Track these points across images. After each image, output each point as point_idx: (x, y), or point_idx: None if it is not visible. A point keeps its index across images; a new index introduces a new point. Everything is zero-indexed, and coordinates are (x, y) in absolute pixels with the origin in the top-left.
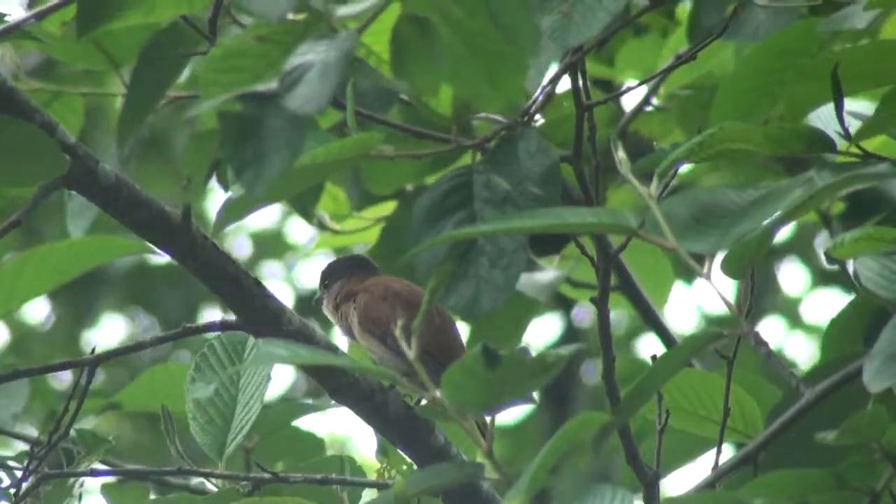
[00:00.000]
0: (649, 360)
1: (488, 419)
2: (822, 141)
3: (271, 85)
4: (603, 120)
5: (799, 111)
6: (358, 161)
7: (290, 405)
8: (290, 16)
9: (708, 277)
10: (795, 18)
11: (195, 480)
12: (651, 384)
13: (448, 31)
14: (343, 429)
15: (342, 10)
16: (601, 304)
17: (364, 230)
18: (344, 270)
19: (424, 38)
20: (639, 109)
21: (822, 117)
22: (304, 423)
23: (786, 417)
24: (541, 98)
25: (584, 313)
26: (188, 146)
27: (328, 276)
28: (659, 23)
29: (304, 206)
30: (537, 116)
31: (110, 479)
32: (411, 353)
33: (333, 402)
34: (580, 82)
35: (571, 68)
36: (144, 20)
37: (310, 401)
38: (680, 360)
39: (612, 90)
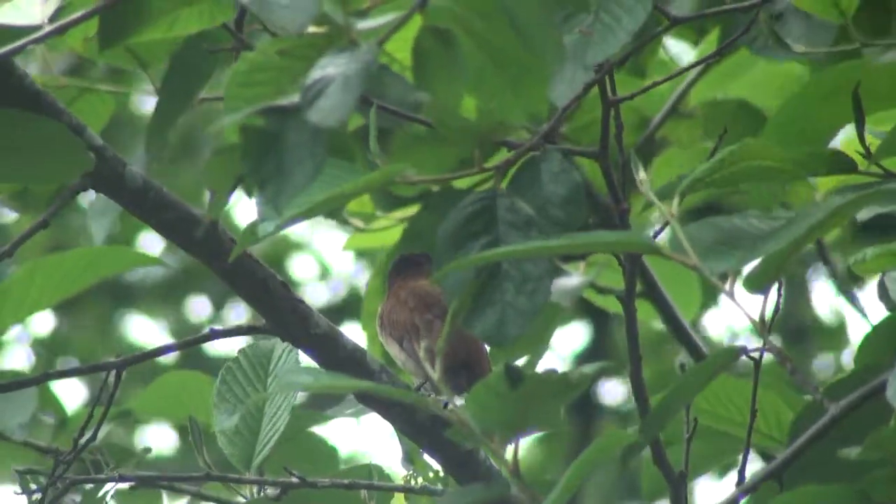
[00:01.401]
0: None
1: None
2: (842, 162)
3: (293, 99)
4: (630, 126)
5: (820, 131)
6: (384, 188)
7: (306, 414)
8: (312, 29)
9: (731, 294)
10: (829, 36)
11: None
12: (678, 399)
13: (470, 42)
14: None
15: (363, 23)
16: (627, 303)
17: (388, 229)
18: (393, 272)
19: (446, 49)
20: (666, 116)
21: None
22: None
23: (811, 433)
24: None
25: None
26: (212, 160)
27: (387, 280)
28: (689, 37)
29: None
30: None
31: (122, 485)
32: (435, 374)
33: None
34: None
35: (597, 83)
36: (166, 34)
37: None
38: (706, 375)
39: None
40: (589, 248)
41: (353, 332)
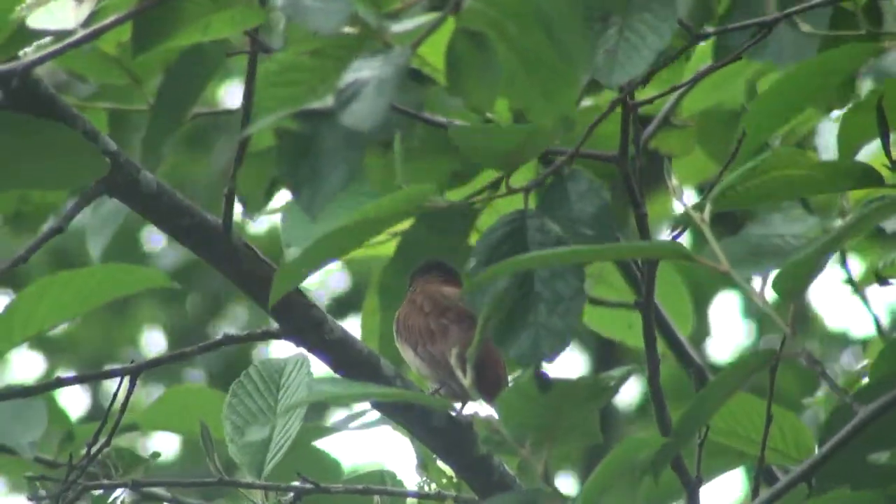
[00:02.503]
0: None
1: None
2: (870, 176)
3: (327, 101)
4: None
5: (851, 145)
6: (411, 214)
7: (310, 427)
8: (346, 29)
9: (762, 299)
10: (820, 42)
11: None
12: (705, 408)
13: (502, 45)
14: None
15: (397, 27)
16: (645, 307)
17: (384, 243)
18: (416, 275)
19: (480, 53)
20: (659, 126)
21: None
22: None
23: (840, 436)
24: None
25: None
26: (246, 163)
27: (409, 281)
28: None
29: None
30: None
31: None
32: (467, 381)
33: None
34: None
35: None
36: (200, 39)
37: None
38: (735, 382)
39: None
40: (620, 254)
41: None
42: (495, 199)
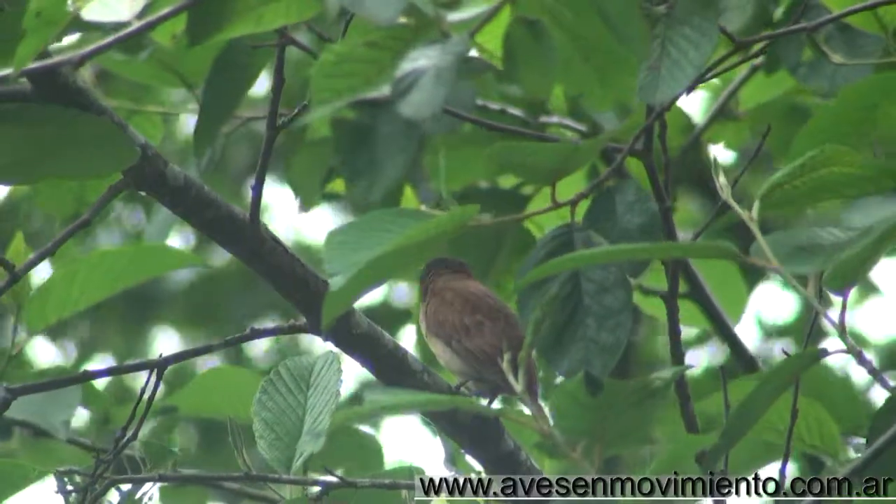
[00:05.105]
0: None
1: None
2: None
3: (384, 91)
4: (677, 128)
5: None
6: (456, 234)
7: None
8: (402, 20)
9: (814, 298)
10: (869, 70)
11: None
12: (756, 407)
13: (558, 32)
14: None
15: (454, 16)
16: (670, 303)
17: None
18: (434, 270)
19: (536, 41)
20: (713, 118)
21: None
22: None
23: (891, 433)
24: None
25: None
26: (299, 154)
27: (424, 273)
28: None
29: None
30: None
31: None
32: (519, 387)
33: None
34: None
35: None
36: (254, 30)
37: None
38: (784, 379)
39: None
40: (668, 253)
41: None
42: (542, 213)
